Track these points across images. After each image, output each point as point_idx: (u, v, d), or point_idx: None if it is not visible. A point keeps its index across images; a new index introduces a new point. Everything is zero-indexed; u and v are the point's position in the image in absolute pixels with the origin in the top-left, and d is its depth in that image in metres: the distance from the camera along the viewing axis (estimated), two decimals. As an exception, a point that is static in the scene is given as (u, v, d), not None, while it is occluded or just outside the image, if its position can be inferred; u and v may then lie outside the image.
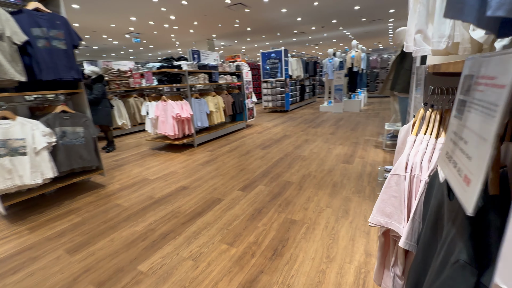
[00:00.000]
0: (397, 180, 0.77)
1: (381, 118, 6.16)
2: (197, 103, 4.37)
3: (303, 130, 5.33)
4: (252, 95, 6.07)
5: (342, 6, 8.14)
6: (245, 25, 10.11)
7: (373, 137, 4.41)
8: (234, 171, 3.16)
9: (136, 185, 2.93)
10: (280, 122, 6.45)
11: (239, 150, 4.13)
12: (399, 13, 9.46)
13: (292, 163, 3.32)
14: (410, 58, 2.20)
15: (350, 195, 2.35)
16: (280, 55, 7.89)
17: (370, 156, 3.43)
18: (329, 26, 11.20)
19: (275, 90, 8.25)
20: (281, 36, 13.14)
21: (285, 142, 4.43)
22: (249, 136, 5.13)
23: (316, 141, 4.40)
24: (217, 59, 5.78)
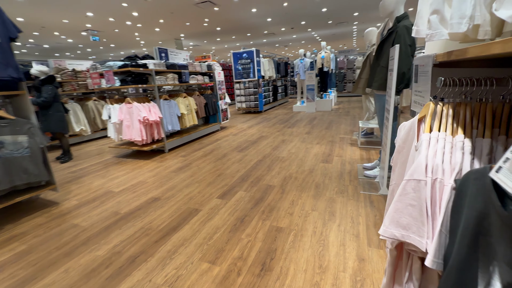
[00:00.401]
0: (415, 186, 0.66)
1: (352, 117, 6.36)
2: (167, 105, 4.04)
3: (279, 131, 5.26)
4: (225, 96, 5.86)
5: (310, 8, 8.32)
6: (215, 24, 9.85)
7: (347, 135, 4.49)
8: (211, 177, 2.94)
9: (98, 199, 2.56)
10: (255, 123, 6.33)
11: (214, 153, 3.90)
12: (362, 16, 9.97)
13: (272, 165, 3.20)
14: (386, 56, 2.21)
15: (334, 196, 2.29)
16: (252, 56, 7.78)
17: (347, 154, 3.45)
18: (298, 28, 11.41)
19: (248, 91, 8.13)
20: (251, 37, 13.09)
21: (262, 144, 4.30)
22: (224, 138, 4.91)
23: (293, 141, 4.35)
24: (187, 58, 5.48)
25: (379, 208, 2.03)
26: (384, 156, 2.21)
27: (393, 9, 2.22)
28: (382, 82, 2.29)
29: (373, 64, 2.43)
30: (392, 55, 2.00)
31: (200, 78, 5.00)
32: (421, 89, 0.88)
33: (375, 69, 2.38)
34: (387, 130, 2.15)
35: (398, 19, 2.15)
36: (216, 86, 5.54)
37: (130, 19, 8.38)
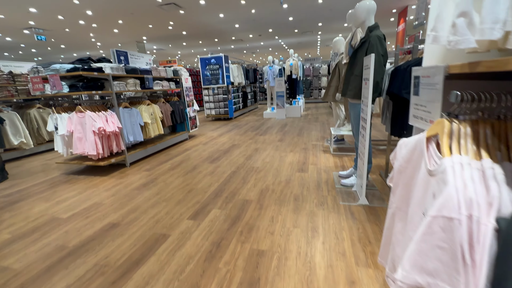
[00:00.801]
0: (445, 224, 0.54)
1: (321, 123, 6.51)
2: (127, 114, 3.63)
3: (251, 138, 5.11)
4: (193, 103, 5.55)
5: (277, 16, 8.45)
6: (180, 28, 9.46)
7: (319, 142, 4.52)
8: (181, 194, 2.65)
9: (39, 230, 2.10)
10: (226, 131, 6.11)
11: (183, 166, 3.59)
12: (325, 27, 10.47)
13: (247, 177, 3.02)
14: (360, 65, 2.21)
15: (314, 209, 2.19)
16: (220, 61, 7.58)
17: (321, 162, 3.43)
18: (265, 35, 11.56)
19: (218, 97, 7.88)
20: (219, 42, 12.91)
21: (234, 153, 4.10)
22: (193, 148, 4.60)
23: (266, 149, 4.23)
24: (150, 62, 5.07)
25: (360, 220, 1.97)
26: (362, 165, 2.18)
27: (364, 19, 2.24)
28: (356, 91, 2.28)
29: (346, 73, 2.43)
30: (367, 64, 1.99)
31: (166, 84, 4.64)
32: (424, 103, 0.79)
33: (349, 78, 2.37)
34: (364, 139, 2.13)
35: (370, 29, 2.17)
36: (184, 93, 5.21)
37: (83, 18, 7.59)
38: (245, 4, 7.11)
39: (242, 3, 6.98)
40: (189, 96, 5.39)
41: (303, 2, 7.14)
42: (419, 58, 1.80)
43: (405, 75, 1.80)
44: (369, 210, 2.12)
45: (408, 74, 1.79)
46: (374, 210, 2.11)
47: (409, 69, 1.79)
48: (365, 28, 2.26)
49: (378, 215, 2.03)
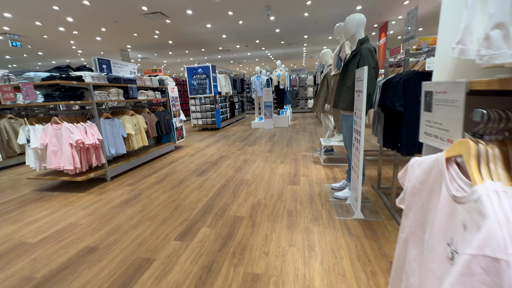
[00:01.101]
0: (488, 266, 0.46)
1: (309, 133, 6.54)
2: (109, 125, 3.42)
3: (239, 149, 5.01)
4: (180, 113, 5.40)
5: (264, 28, 8.58)
6: (166, 37, 9.36)
7: (309, 152, 4.50)
8: (166, 211, 2.47)
9: (1, 259, 1.85)
10: (214, 141, 5.96)
11: (169, 179, 3.40)
12: (311, 39, 10.76)
13: (237, 191, 2.89)
14: (352, 76, 2.20)
15: (309, 225, 2.10)
16: (208, 71, 7.51)
17: (312, 173, 3.38)
18: (252, 46, 11.69)
19: (205, 107, 7.76)
20: (205, 52, 12.89)
21: (223, 165, 3.97)
22: (180, 160, 4.42)
23: (256, 160, 4.13)
24: (135, 71, 4.90)
25: (357, 236, 1.90)
26: (356, 178, 2.14)
27: (354, 32, 2.25)
28: (349, 102, 2.26)
29: (338, 85, 2.41)
30: (360, 76, 1.98)
31: (151, 93, 4.48)
32: (438, 120, 0.74)
33: (341, 90, 2.36)
34: (357, 151, 2.09)
35: (361, 41, 2.18)
36: (170, 103, 5.05)
37: (63, 24, 7.31)
38: (232, 15, 7.16)
39: (230, 14, 7.02)
40: (175, 106, 5.23)
41: (290, 15, 7.30)
42: (412, 71, 1.81)
43: (398, 88, 1.80)
44: (365, 224, 2.06)
45: (401, 87, 1.79)
46: (370, 224, 2.05)
47: (402, 82, 1.79)
48: (355, 41, 2.27)
49: (375, 230, 1.97)
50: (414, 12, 1.79)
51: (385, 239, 1.85)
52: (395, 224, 2.04)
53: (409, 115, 1.80)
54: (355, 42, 2.28)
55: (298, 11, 6.94)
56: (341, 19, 7.97)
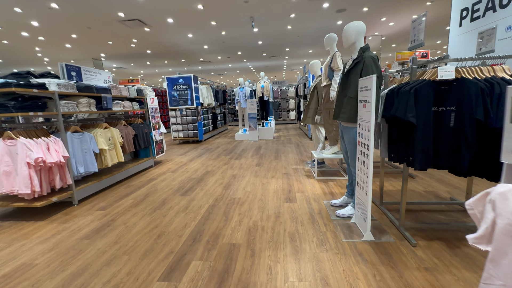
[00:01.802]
0: None
1: (296, 145, 6.41)
2: (78, 140, 2.98)
3: (226, 163, 4.70)
4: (160, 125, 5.00)
5: (247, 39, 8.55)
6: (144, 46, 8.95)
7: (299, 165, 4.32)
8: (147, 241, 2.09)
9: None
10: (197, 155, 5.60)
11: (149, 201, 3.00)
12: (292, 52, 10.95)
13: (229, 212, 2.58)
14: (355, 86, 2.06)
15: (316, 251, 1.85)
16: (189, 81, 7.21)
17: (308, 189, 3.17)
18: (234, 57, 11.63)
19: (186, 119, 7.38)
20: (186, 63, 12.59)
21: (210, 182, 3.63)
22: (160, 177, 4.00)
23: (245, 176, 3.85)
24: (109, 80, 4.47)
25: (373, 263, 1.69)
26: (365, 196, 1.95)
27: (354, 40, 2.14)
28: (351, 114, 2.12)
29: (338, 95, 2.27)
30: (366, 85, 1.84)
31: (128, 104, 4.07)
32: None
33: (342, 100, 2.21)
34: (365, 166, 1.92)
35: (363, 49, 2.07)
36: (149, 114, 4.66)
37: (27, 29, 6.66)
38: (215, 26, 7.02)
39: (213, 24, 6.87)
40: (155, 118, 4.84)
41: (273, 27, 7.33)
42: (422, 80, 1.70)
43: (409, 98, 1.67)
44: (376, 247, 1.86)
45: (412, 97, 1.66)
46: (382, 247, 1.86)
47: (414, 92, 1.66)
48: (356, 49, 2.16)
49: (389, 253, 1.78)
50: (420, 19, 1.72)
51: (403, 264, 1.66)
52: (408, 245, 1.86)
53: (422, 127, 1.67)
54: (355, 50, 2.16)
55: (282, 23, 6.99)
56: (322, 33, 8.19)
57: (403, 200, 1.98)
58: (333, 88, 3.33)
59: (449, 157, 1.65)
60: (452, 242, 1.87)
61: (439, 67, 1.60)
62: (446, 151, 1.66)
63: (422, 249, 1.81)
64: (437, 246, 1.83)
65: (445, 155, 1.66)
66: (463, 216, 2.28)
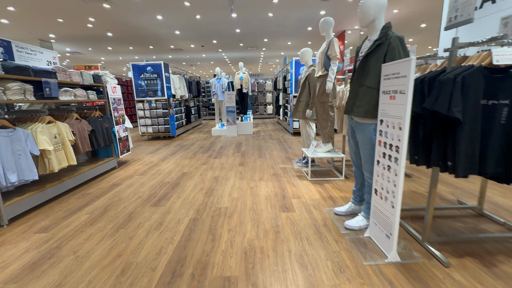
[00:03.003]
0: None
1: (278, 141, 6.04)
2: (6, 139, 2.21)
3: (204, 163, 4.14)
4: (125, 119, 4.23)
5: (224, 25, 7.87)
6: (104, 27, 7.79)
7: (287, 164, 3.93)
8: (106, 280, 1.51)
9: None
10: (170, 153, 4.92)
11: (110, 215, 2.36)
12: (271, 43, 10.50)
13: (215, 228, 2.08)
14: (375, 73, 1.68)
15: (336, 282, 1.45)
16: (159, 70, 6.39)
17: (303, 193, 2.79)
18: (209, 46, 10.83)
19: (156, 112, 6.57)
20: (154, 50, 11.45)
21: (188, 186, 3.07)
22: (126, 182, 3.32)
23: (229, 178, 3.36)
24: (55, 61, 3.59)
25: (410, 296, 1.34)
26: (390, 209, 1.60)
27: (373, 17, 1.75)
28: (370, 107, 1.74)
29: (353, 85, 1.87)
30: (398, 72, 1.46)
31: (81, 93, 3.28)
32: None
33: (357, 91, 1.82)
34: (393, 173, 1.56)
35: (386, 28, 1.69)
36: (110, 106, 3.88)
37: None
38: (189, 7, 6.25)
39: (186, 5, 6.10)
40: (118, 111, 4.06)
41: (254, 14, 6.78)
42: (470, 66, 1.36)
43: (454, 88, 1.32)
44: (405, 271, 1.52)
45: (459, 87, 1.32)
46: (411, 270, 1.53)
47: (461, 80, 1.31)
48: (375, 28, 1.77)
49: (422, 279, 1.45)
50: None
51: (445, 296, 1.34)
52: (440, 266, 1.56)
53: (469, 125, 1.34)
54: (374, 30, 1.78)
55: (263, 9, 6.47)
56: (303, 23, 7.85)
57: (429, 210, 1.67)
58: (329, 78, 2.96)
59: (498, 162, 1.35)
60: (484, 258, 1.61)
61: (495, 49, 1.26)
62: (494, 154, 1.35)
63: (457, 270, 1.52)
64: (471, 265, 1.56)
65: (493, 160, 1.36)
66: (480, 222, 2.07)
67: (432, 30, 9.08)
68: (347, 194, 2.74)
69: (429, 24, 8.47)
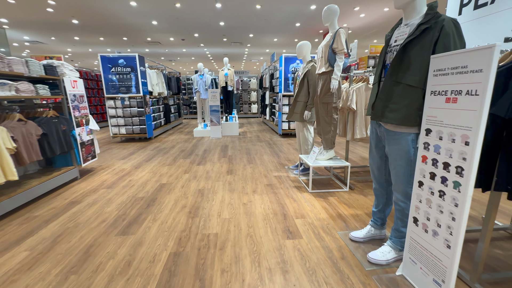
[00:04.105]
0: None
1: (267, 143, 5.60)
2: None
3: (186, 171, 3.59)
4: (89, 120, 3.54)
5: (207, 17, 7.25)
6: (68, 13, 6.84)
7: (281, 172, 3.50)
8: None
9: None
10: (145, 159, 4.29)
11: (59, 252, 1.77)
12: (256, 39, 10.02)
13: (204, 269, 1.58)
14: (419, 67, 1.28)
15: None
16: (133, 63, 5.66)
17: (307, 210, 2.37)
18: (189, 40, 10.10)
19: (130, 111, 5.84)
20: (128, 42, 10.48)
21: (166, 204, 2.52)
22: (88, 198, 2.69)
23: (216, 191, 2.85)
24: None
25: None
26: (442, 248, 1.20)
27: (414, -6, 1.34)
28: (410, 112, 1.33)
29: (385, 83, 1.46)
30: (465, 65, 1.05)
31: (26, 87, 2.58)
32: None
33: (391, 91, 1.41)
34: (445, 200, 1.16)
35: (432, 8, 1.29)
36: (69, 104, 3.19)
37: None
38: (167, -6, 5.58)
39: (164, -9, 5.43)
40: (79, 110, 3.37)
41: (240, 5, 6.26)
42: None
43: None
44: (465, 333, 1.14)
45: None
46: (472, 331, 1.14)
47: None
48: (415, 9, 1.36)
49: None
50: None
51: None
52: (504, 321, 1.19)
53: None
54: (414, 10, 1.37)
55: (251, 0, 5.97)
56: (291, 18, 7.47)
57: (485, 242, 1.30)
58: (335, 76, 2.56)
59: None
60: (551, 305, 1.28)
61: None
62: None
63: (528, 327, 1.16)
64: (541, 318, 1.21)
65: None
66: (519, 248, 1.76)
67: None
68: (357, 210, 2.35)
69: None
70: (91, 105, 8.29)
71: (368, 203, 2.51)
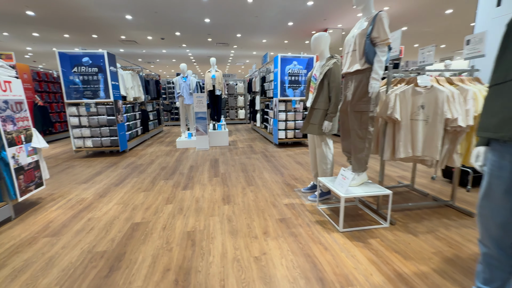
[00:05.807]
0: None
1: (263, 155, 4.86)
2: None
3: (169, 200, 2.74)
4: (32, 136, 2.59)
5: (190, 12, 6.42)
6: (20, 1, 5.70)
7: (292, 198, 2.76)
8: None
9: None
10: (116, 180, 3.36)
11: None
12: (243, 40, 9.32)
13: None
14: None
15: None
16: (101, 62, 4.70)
17: (349, 268, 1.64)
18: (170, 39, 9.16)
19: (98, 119, 4.84)
20: (99, 41, 9.32)
21: (140, 264, 1.67)
22: (17, 257, 1.76)
23: (214, 235, 2.04)
24: None
25: None
26: None
27: None
28: None
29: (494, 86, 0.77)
30: None
31: None
32: None
33: None
34: None
35: None
36: (-3, 113, 2.23)
37: None
38: (143, -19, 4.70)
39: (139, -23, 4.55)
40: (15, 122, 2.41)
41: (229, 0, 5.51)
42: None
43: None
44: None
45: None
46: None
47: None
48: None
49: None
50: None
51: None
52: None
53: None
54: None
55: (240, -6, 5.26)
56: (284, 16, 6.86)
57: None
58: (376, 75, 1.90)
59: None
60: None
61: None
62: None
63: None
64: None
65: None
66: None
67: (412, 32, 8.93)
68: (418, 264, 1.66)
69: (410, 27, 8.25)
70: (52, 112, 7.08)
71: (425, 248, 1.83)
